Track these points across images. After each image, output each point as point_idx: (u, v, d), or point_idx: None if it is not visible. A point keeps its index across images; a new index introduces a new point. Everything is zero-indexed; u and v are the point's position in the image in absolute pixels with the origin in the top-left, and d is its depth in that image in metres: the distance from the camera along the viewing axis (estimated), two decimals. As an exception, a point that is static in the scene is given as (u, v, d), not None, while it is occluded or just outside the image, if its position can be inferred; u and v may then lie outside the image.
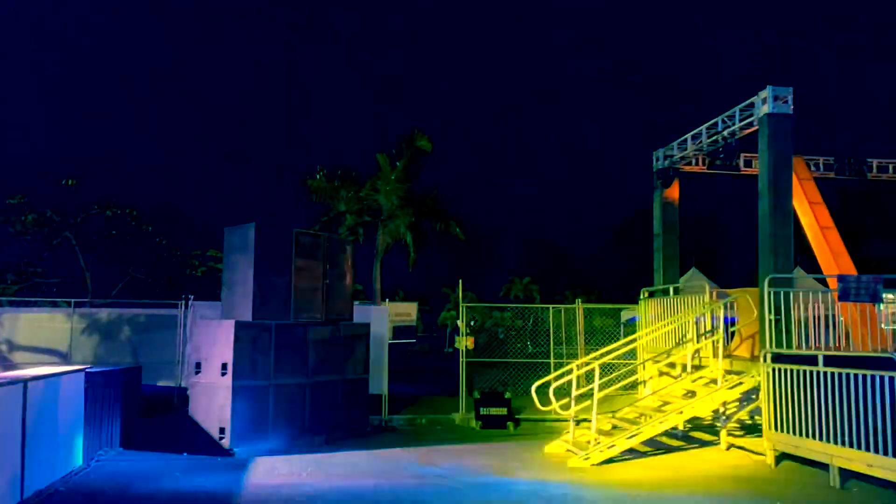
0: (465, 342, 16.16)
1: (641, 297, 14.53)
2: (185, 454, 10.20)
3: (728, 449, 11.00)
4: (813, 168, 14.85)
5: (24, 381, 7.38)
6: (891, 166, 15.57)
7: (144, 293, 21.96)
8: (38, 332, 13.52)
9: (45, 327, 13.59)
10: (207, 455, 10.16)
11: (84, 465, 9.01)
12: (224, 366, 10.50)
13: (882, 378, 7.66)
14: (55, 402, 8.23)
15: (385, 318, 14.92)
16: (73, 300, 14.18)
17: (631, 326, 20.59)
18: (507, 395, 14.16)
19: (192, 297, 13.80)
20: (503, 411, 13.67)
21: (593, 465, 9.68)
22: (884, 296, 11.22)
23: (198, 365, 10.96)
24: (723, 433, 11.19)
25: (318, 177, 23.78)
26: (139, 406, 12.01)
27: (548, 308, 21.35)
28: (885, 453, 7.59)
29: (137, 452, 10.30)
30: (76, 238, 21.07)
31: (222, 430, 10.38)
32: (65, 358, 13.09)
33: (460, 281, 16.80)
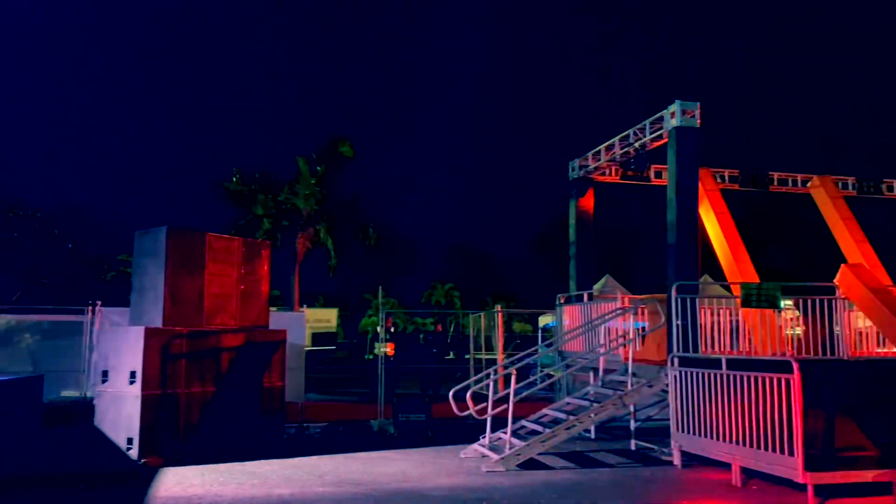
0: (384, 348, 16.13)
1: (557, 302, 14.85)
2: (90, 465, 9.79)
3: (637, 450, 11.35)
4: (718, 179, 15.51)
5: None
6: (790, 179, 16.43)
7: (49, 299, 20.97)
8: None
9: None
10: (115, 466, 9.78)
11: (-22, 481, 8.53)
12: (133, 374, 10.15)
13: (780, 380, 8.06)
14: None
15: (303, 324, 14.76)
16: (-31, 306, 13.42)
17: (549, 331, 21.03)
18: (427, 400, 14.19)
19: (101, 302, 13.27)
20: (421, 417, 13.70)
21: (508, 469, 9.81)
22: (783, 302, 11.86)
23: (105, 373, 10.56)
24: (633, 435, 11.54)
25: (234, 180, 23.33)
26: (41, 417, 11.46)
27: (468, 313, 21.56)
28: (783, 452, 7.98)
29: (39, 465, 9.82)
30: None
31: (130, 441, 10.03)
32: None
33: (380, 287, 16.79)
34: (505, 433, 10.60)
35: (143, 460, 9.91)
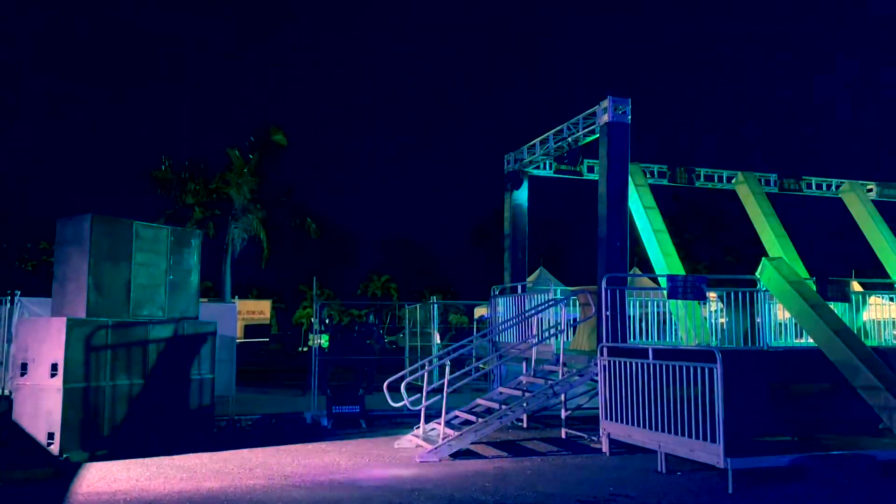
0: (319, 340, 16.00)
1: (492, 294, 15.00)
2: (9, 460, 9.41)
3: (567, 438, 11.59)
4: (648, 175, 15.91)
5: None
6: (716, 175, 16.97)
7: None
8: None
9: None
10: (35, 462, 9.41)
11: None
12: (54, 366, 9.79)
13: (703, 369, 8.34)
14: None
15: (234, 315, 14.50)
16: None
17: (484, 323, 21.21)
18: (360, 392, 14.15)
19: (19, 292, 12.74)
20: (356, 409, 13.66)
21: (441, 458, 9.88)
22: (708, 294, 12.27)
23: (24, 366, 10.16)
24: (563, 423, 11.78)
25: (163, 167, 22.67)
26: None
27: (405, 305, 21.56)
28: (705, 439, 8.26)
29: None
30: None
31: (51, 436, 9.68)
32: None
33: (315, 278, 16.66)
34: (439, 423, 10.67)
35: (64, 456, 9.58)
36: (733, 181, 17.01)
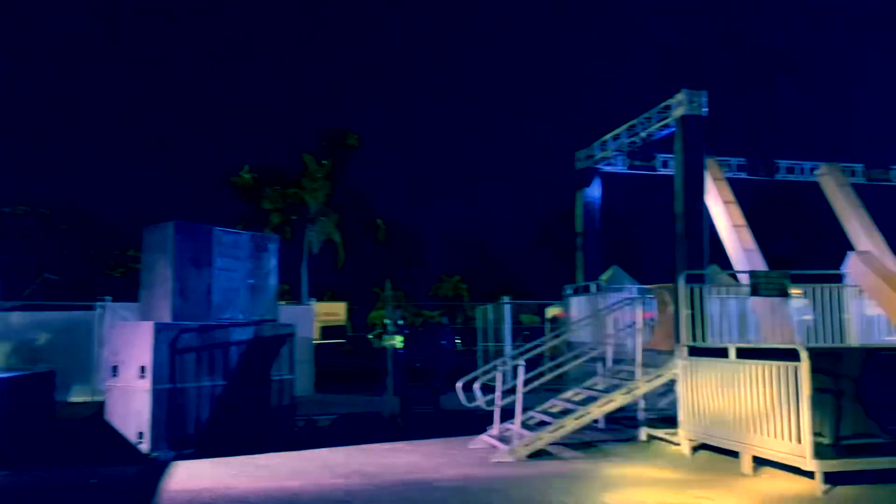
0: (393, 341, 16.17)
1: (565, 293, 14.85)
2: (102, 459, 9.86)
3: (647, 440, 11.36)
4: (726, 168, 15.45)
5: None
6: (798, 167, 16.36)
7: (59, 295, 21.09)
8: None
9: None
10: (126, 460, 9.85)
11: (-9, 476, 8.60)
12: (142, 368, 10.20)
13: (787, 367, 8.05)
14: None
15: (311, 317, 14.82)
16: (-21, 303, 13.51)
17: (557, 322, 21.03)
18: (435, 392, 14.23)
19: (110, 298, 13.34)
20: (430, 409, 13.74)
21: (518, 459, 9.84)
22: (791, 290, 11.82)
23: (115, 368, 10.61)
24: (642, 425, 11.56)
25: (242, 174, 23.36)
26: (53, 412, 11.55)
27: (476, 306, 21.59)
28: (791, 440, 7.97)
29: (51, 460, 9.90)
30: (-16, 238, 20.09)
31: (140, 435, 10.08)
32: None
33: (388, 280, 16.85)
34: (514, 424, 10.63)
35: (153, 454, 9.97)
36: (816, 172, 16.35)
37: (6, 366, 12.51)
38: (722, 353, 9.51)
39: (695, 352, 10.26)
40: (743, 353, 9.12)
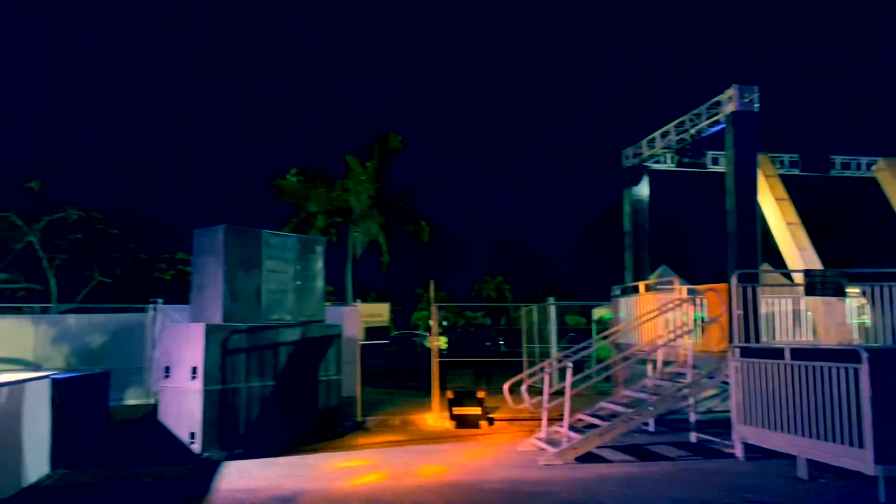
0: (437, 342, 16.15)
1: (613, 294, 14.66)
2: (155, 458, 10.05)
3: (697, 443, 11.13)
4: (778, 165, 15.08)
5: (-13, 389, 7.21)
6: (853, 163, 15.88)
7: (111, 298, 21.62)
8: (2, 340, 13.20)
9: (9, 334, 13.26)
10: (178, 460, 10.02)
11: (52, 473, 8.83)
12: (194, 369, 10.37)
13: (847, 369, 7.80)
14: (20, 410, 8.06)
15: (357, 318, 14.86)
16: (37, 305, 13.89)
17: (603, 324, 20.79)
18: (480, 393, 14.18)
19: (161, 300, 13.60)
20: (477, 410, 13.69)
21: (566, 462, 9.73)
22: (848, 290, 11.46)
23: (167, 369, 10.81)
24: (693, 427, 11.34)
25: (288, 177, 23.64)
26: (107, 411, 11.81)
27: (520, 307, 21.43)
28: (852, 444, 7.72)
29: (106, 458, 10.13)
30: (40, 242, 20.65)
31: (193, 435, 10.25)
32: (31, 366, 12.81)
33: (431, 281, 16.80)
34: (561, 426, 10.51)
35: (205, 454, 10.12)
36: (873, 168, 15.85)
37: (65, 367, 12.85)
38: (776, 353, 9.26)
39: (748, 353, 10.02)
40: (798, 354, 8.87)
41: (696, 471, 9.26)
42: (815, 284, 10.83)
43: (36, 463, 8.50)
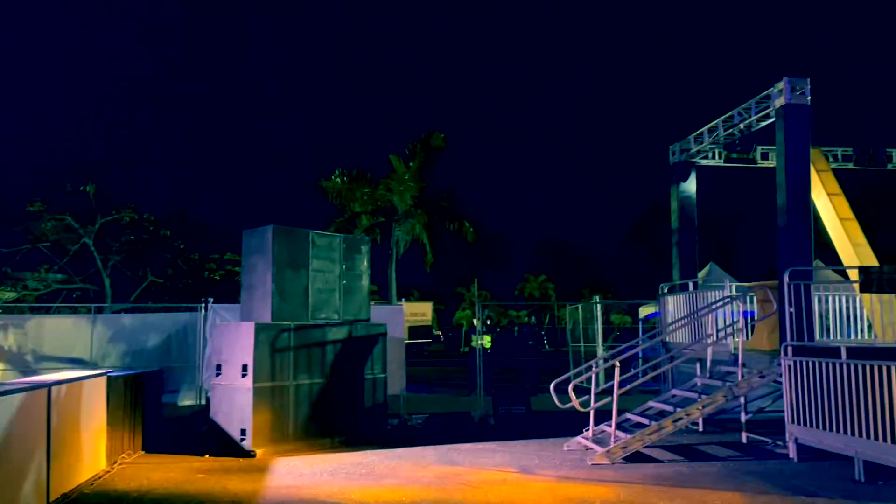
0: (481, 340, 16.16)
1: (660, 292, 14.46)
2: (206, 456, 10.26)
3: (749, 443, 10.93)
4: (831, 159, 14.70)
5: (48, 386, 7.45)
6: (910, 156, 15.39)
7: (163, 298, 22.13)
8: (61, 339, 13.60)
9: (68, 333, 13.67)
10: (229, 457, 10.21)
11: (107, 469, 9.08)
12: (244, 367, 10.54)
13: (907, 369, 7.57)
14: (78, 407, 8.30)
15: (401, 317, 14.95)
16: (93, 305, 14.28)
17: (650, 322, 20.54)
18: (526, 392, 14.14)
19: (212, 300, 13.86)
20: (521, 409, 13.66)
21: (614, 462, 9.64)
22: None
23: (218, 367, 11.01)
24: (744, 427, 11.14)
25: (333, 178, 23.86)
26: (161, 409, 12.10)
27: (564, 305, 21.32)
28: (911, 446, 7.49)
29: (159, 455, 10.38)
30: (94, 244, 21.24)
31: (243, 432, 10.43)
32: (87, 364, 13.19)
33: (475, 280, 16.88)
34: (609, 426, 10.42)
35: (255, 451, 10.29)
36: (932, 161, 15.34)
37: (121, 365, 13.20)
38: (831, 352, 9.05)
39: (801, 351, 9.79)
40: (854, 353, 8.64)
41: (747, 472, 9.09)
42: (871, 281, 10.52)
43: (93, 458, 8.74)
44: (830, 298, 12.05)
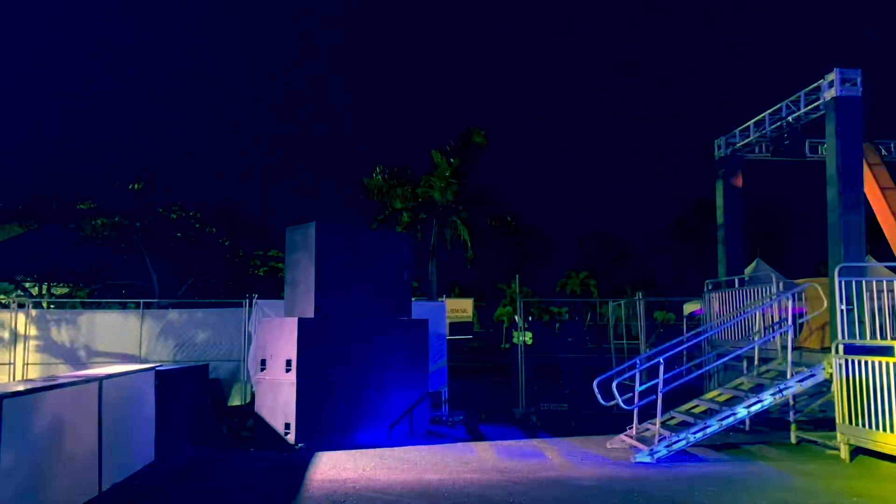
0: (523, 337, 16.08)
1: (705, 289, 14.22)
2: (252, 449, 10.42)
3: (798, 443, 10.69)
4: (884, 152, 14.27)
5: (100, 380, 7.63)
6: (968, 148, 14.85)
7: (208, 294, 22.50)
8: (111, 333, 13.92)
9: (118, 328, 13.99)
10: (274, 450, 10.35)
11: (157, 461, 9.28)
12: (288, 362, 10.67)
13: (965, 369, 7.31)
14: (129, 400, 8.50)
15: (443, 313, 14.95)
16: (141, 301, 14.58)
17: (695, 320, 20.20)
18: (567, 390, 14.04)
19: (257, 295, 14.05)
20: (564, 406, 13.57)
21: (658, 460, 9.52)
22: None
23: (263, 362, 11.17)
24: (793, 427, 10.89)
25: (374, 175, 24.00)
26: (207, 403, 12.31)
27: (607, 302, 21.09)
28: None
29: (207, 448, 10.57)
30: (143, 241, 21.70)
31: (287, 426, 10.56)
32: (137, 358, 13.49)
33: (517, 276, 16.78)
34: (653, 424, 10.29)
35: (299, 445, 10.41)
36: None
37: (169, 360, 13.48)
38: (885, 351, 8.79)
39: (851, 350, 9.54)
40: (909, 352, 8.38)
41: (796, 473, 8.89)
42: (927, 278, 10.21)
43: (143, 450, 8.95)
44: (884, 295, 11.71)
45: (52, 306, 18.48)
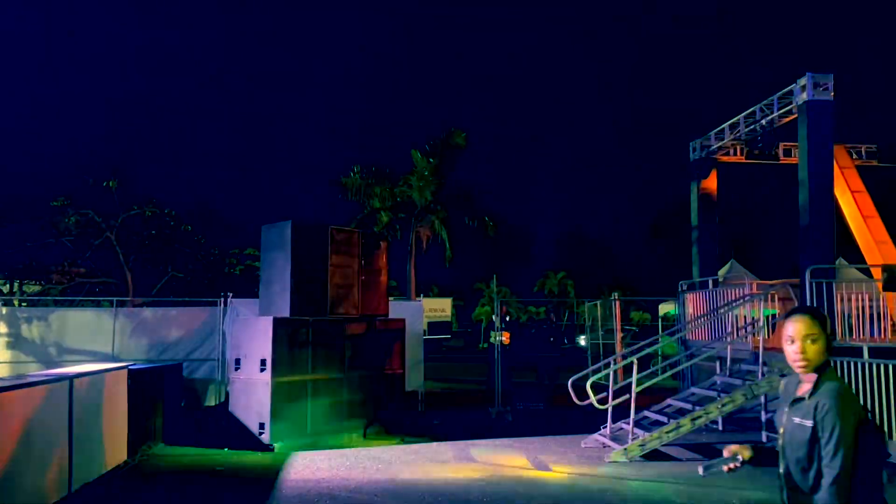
0: (500, 337, 16.13)
1: (680, 290, 14.36)
2: (225, 449, 10.35)
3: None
4: (855, 156, 14.50)
5: (71, 378, 7.55)
6: (936, 152, 15.15)
7: (183, 292, 22.28)
8: (83, 332, 13.76)
9: (90, 326, 13.83)
10: (248, 450, 10.29)
11: (129, 460, 9.19)
12: (263, 362, 10.61)
13: (931, 369, 7.46)
14: (100, 399, 8.40)
15: (420, 313, 14.96)
16: (115, 299, 14.43)
17: (669, 320, 20.40)
18: (544, 388, 14.11)
19: (231, 294, 13.96)
20: (539, 405, 13.64)
21: (632, 459, 9.60)
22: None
23: (237, 361, 11.10)
24: (764, 426, 11.03)
25: (352, 175, 23.93)
26: (180, 402, 12.21)
27: (584, 302, 21.21)
28: (935, 446, 7.39)
29: (180, 447, 10.49)
30: (117, 238, 21.45)
31: (262, 426, 10.50)
32: (109, 356, 13.34)
33: (495, 276, 16.80)
34: (627, 423, 10.37)
35: (273, 444, 10.36)
36: (959, 158, 15.10)
37: (142, 358, 13.35)
38: (854, 352, 8.94)
39: (823, 351, 9.67)
40: (877, 353, 8.54)
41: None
42: (894, 279, 10.40)
43: (114, 449, 8.85)
44: (853, 297, 11.90)
45: (24, 304, 18.22)
